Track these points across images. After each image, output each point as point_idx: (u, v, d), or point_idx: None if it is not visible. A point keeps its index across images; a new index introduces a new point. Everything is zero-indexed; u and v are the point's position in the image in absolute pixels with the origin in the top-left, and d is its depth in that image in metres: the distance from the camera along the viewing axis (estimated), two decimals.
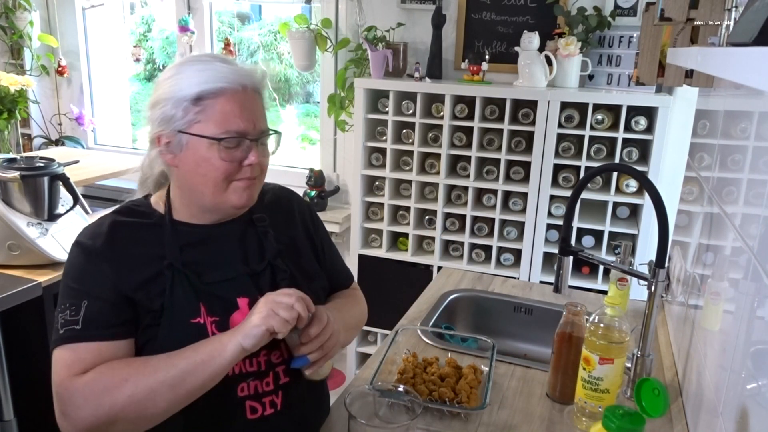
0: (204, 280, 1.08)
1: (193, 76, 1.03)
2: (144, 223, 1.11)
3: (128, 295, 1.03)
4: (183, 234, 1.11)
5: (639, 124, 2.26)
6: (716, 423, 0.95)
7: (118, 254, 1.06)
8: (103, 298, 1.02)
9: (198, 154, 1.05)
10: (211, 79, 1.03)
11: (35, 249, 1.77)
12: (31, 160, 1.88)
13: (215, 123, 1.03)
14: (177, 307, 1.05)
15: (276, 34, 4.18)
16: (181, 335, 1.03)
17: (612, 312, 1.16)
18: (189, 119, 1.03)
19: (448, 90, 2.43)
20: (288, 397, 1.12)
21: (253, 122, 1.06)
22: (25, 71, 3.33)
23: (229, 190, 1.07)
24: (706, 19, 1.11)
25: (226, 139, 1.03)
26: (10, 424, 1.85)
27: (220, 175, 1.05)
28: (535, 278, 2.48)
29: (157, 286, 1.05)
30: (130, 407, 0.96)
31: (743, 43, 0.63)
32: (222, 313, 1.07)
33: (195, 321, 1.05)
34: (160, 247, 1.08)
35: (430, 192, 2.62)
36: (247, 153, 1.06)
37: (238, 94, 1.04)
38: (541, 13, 2.52)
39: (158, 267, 1.06)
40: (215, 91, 1.03)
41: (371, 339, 2.90)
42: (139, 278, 1.04)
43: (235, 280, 1.11)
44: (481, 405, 1.20)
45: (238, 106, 1.04)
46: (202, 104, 1.03)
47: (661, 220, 1.21)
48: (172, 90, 1.04)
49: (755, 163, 0.93)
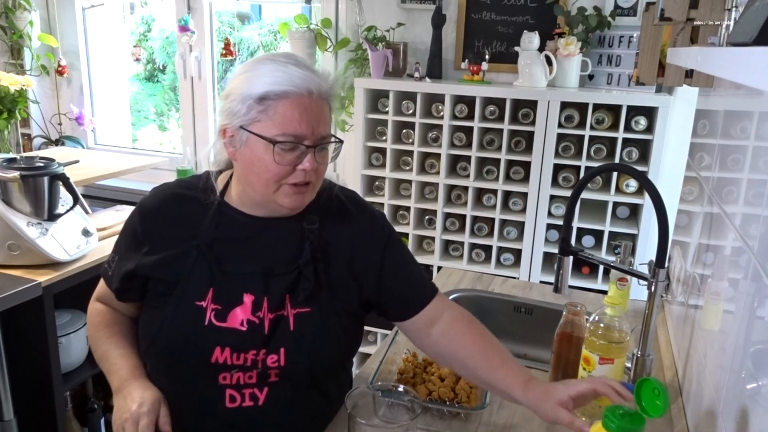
0: (222, 269, 1.12)
1: (264, 75, 1.05)
2: (199, 199, 1.17)
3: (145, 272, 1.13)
4: (225, 216, 1.15)
5: (639, 124, 2.26)
6: (716, 423, 0.95)
7: (161, 228, 1.15)
8: (125, 265, 1.16)
9: (254, 152, 1.06)
10: (279, 81, 1.04)
11: (35, 249, 1.77)
12: (31, 160, 1.88)
13: (274, 124, 1.04)
14: (189, 286, 1.11)
15: (276, 34, 4.18)
16: (182, 314, 1.10)
17: (612, 312, 1.16)
18: (251, 117, 1.05)
19: (448, 90, 2.43)
20: (274, 396, 1.11)
21: (313, 128, 1.05)
22: (25, 71, 3.32)
23: (279, 191, 1.08)
24: (706, 19, 1.11)
25: (281, 143, 1.04)
26: (10, 424, 1.85)
27: (271, 176, 1.07)
28: (535, 278, 2.47)
29: (180, 262, 1.12)
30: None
31: (743, 43, 0.63)
32: (226, 303, 1.10)
33: (198, 303, 1.10)
34: (198, 226, 1.14)
35: (430, 192, 2.62)
36: (302, 158, 1.06)
37: (303, 98, 1.05)
38: (541, 13, 2.52)
39: (188, 245, 1.12)
40: (279, 93, 1.03)
41: (371, 339, 2.90)
42: (168, 254, 1.13)
43: (248, 276, 1.12)
44: (481, 405, 1.20)
45: (299, 111, 1.04)
46: (265, 104, 1.04)
47: (661, 220, 1.21)
48: (241, 86, 1.06)
49: (755, 163, 0.93)
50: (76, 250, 1.87)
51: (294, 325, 1.11)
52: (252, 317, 1.10)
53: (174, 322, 1.10)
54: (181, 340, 1.09)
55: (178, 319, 1.10)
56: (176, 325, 1.10)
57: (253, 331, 1.09)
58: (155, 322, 1.12)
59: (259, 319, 1.09)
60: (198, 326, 1.09)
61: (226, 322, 1.09)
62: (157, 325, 1.11)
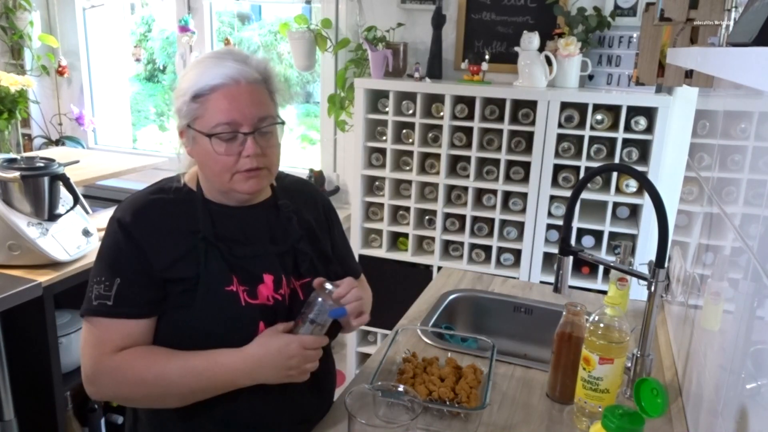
0: (235, 254, 1.14)
1: (198, 74, 1.09)
2: (177, 199, 1.17)
3: (159, 274, 1.11)
4: (213, 211, 1.17)
5: (639, 124, 2.26)
6: (716, 423, 0.95)
7: (154, 230, 1.13)
8: (134, 278, 1.10)
9: (202, 147, 1.11)
10: (208, 77, 1.08)
11: (35, 249, 1.77)
12: (32, 160, 1.88)
13: (209, 118, 1.08)
14: (211, 276, 1.11)
15: (276, 34, 4.18)
16: (216, 301, 1.11)
17: (612, 312, 1.16)
18: (192, 115, 1.10)
19: (448, 90, 2.43)
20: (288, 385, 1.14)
21: (245, 114, 1.09)
22: (25, 71, 3.32)
23: (233, 180, 1.12)
24: (706, 19, 1.11)
25: (216, 135, 1.08)
26: (10, 424, 1.85)
27: (220, 167, 1.11)
28: (535, 278, 2.47)
29: (191, 258, 1.12)
30: (144, 400, 1.14)
31: (743, 43, 0.63)
32: (251, 284, 1.14)
33: (228, 289, 1.12)
34: (194, 221, 1.14)
35: (430, 192, 2.62)
36: (244, 145, 1.10)
37: (231, 88, 1.08)
38: (541, 13, 2.52)
39: (192, 240, 1.13)
40: (209, 88, 1.08)
41: (371, 339, 2.90)
42: (174, 254, 1.12)
43: (262, 257, 1.17)
44: (481, 405, 1.20)
45: (228, 100, 1.08)
46: (199, 101, 1.09)
47: (661, 220, 1.21)
48: (182, 86, 1.11)
49: (755, 163, 0.93)
50: (77, 251, 1.87)
51: (303, 295, 1.20)
52: (276, 294, 1.16)
53: (211, 310, 1.10)
54: (225, 324, 1.11)
55: (214, 308, 1.11)
56: (215, 312, 1.10)
57: (278, 305, 1.16)
58: (185, 321, 1.11)
59: (281, 296, 1.17)
60: (237, 308, 1.12)
61: (258, 299, 1.14)
62: (191, 321, 1.10)
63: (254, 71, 1.11)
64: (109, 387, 1.10)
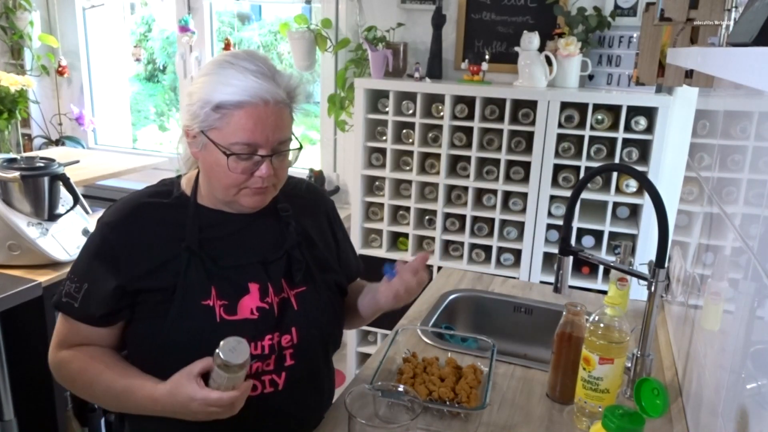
0: (219, 264, 1.12)
1: (221, 82, 1.04)
2: (169, 203, 1.15)
3: (133, 285, 1.09)
4: (204, 217, 1.15)
5: (639, 124, 2.26)
6: (716, 423, 0.95)
7: (136, 237, 1.11)
8: (99, 288, 1.10)
9: (213, 156, 1.07)
10: (236, 91, 1.03)
11: (35, 249, 1.77)
12: (32, 160, 1.88)
13: (229, 133, 1.05)
14: (189, 289, 1.09)
15: (276, 34, 4.18)
16: (190, 316, 1.08)
17: (612, 312, 1.16)
18: (209, 123, 1.06)
19: (448, 90, 2.43)
20: (291, 378, 1.15)
21: (268, 137, 1.06)
22: (25, 71, 3.33)
23: (239, 194, 1.11)
24: (706, 19, 1.11)
25: (234, 154, 1.05)
26: (10, 424, 1.85)
27: (230, 182, 1.09)
28: (535, 278, 2.47)
29: (172, 267, 1.10)
30: (84, 397, 1.16)
31: (743, 43, 0.63)
32: (232, 296, 1.11)
33: (205, 303, 1.09)
34: (181, 228, 1.12)
35: (430, 192, 2.62)
36: (258, 166, 1.08)
37: (259, 108, 1.04)
38: (541, 13, 2.52)
39: (176, 249, 1.10)
40: (234, 103, 1.03)
41: (371, 339, 2.90)
42: (153, 263, 1.10)
43: (247, 266, 1.14)
44: (481, 405, 1.20)
45: (254, 121, 1.04)
46: (221, 112, 1.04)
47: (661, 220, 1.21)
48: (202, 89, 1.06)
49: (755, 163, 0.93)
50: (77, 250, 1.85)
51: (297, 304, 1.17)
52: (261, 303, 1.13)
53: (183, 324, 1.08)
54: (196, 341, 1.07)
55: (187, 322, 1.08)
56: (187, 328, 1.08)
57: (265, 317, 1.13)
58: (158, 332, 1.09)
59: (268, 304, 1.14)
60: (211, 324, 1.08)
61: (237, 315, 1.11)
62: (164, 332, 1.08)
63: (282, 91, 1.07)
64: (57, 377, 1.17)
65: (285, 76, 1.10)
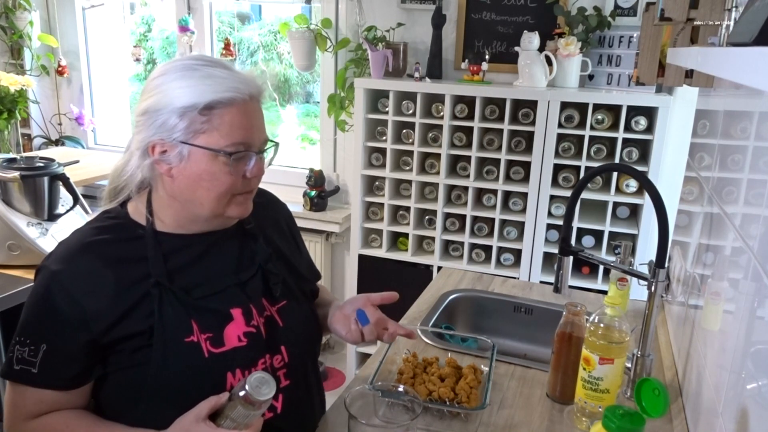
0: (193, 296, 1.03)
1: (197, 85, 0.97)
2: (123, 238, 1.04)
3: (99, 339, 0.98)
4: (165, 245, 1.05)
5: (639, 124, 2.26)
6: (716, 423, 0.95)
7: (94, 283, 0.99)
8: (63, 346, 0.98)
9: (201, 166, 0.99)
10: (221, 89, 0.97)
11: (35, 249, 1.77)
12: (31, 160, 1.89)
13: (222, 134, 0.98)
14: (168, 327, 1.00)
15: (276, 34, 4.18)
16: (176, 355, 1.00)
17: (612, 312, 1.16)
18: (194, 129, 0.98)
19: (448, 90, 2.43)
20: (288, 399, 1.12)
21: (258, 133, 1.03)
22: (25, 71, 3.33)
23: (230, 203, 1.04)
24: (706, 19, 1.11)
25: (231, 152, 0.99)
26: None
27: (225, 189, 1.01)
28: (535, 278, 2.47)
29: (143, 308, 1.00)
30: None
31: (743, 43, 0.63)
32: (215, 327, 1.04)
33: (189, 340, 1.01)
34: (144, 264, 1.01)
35: (430, 192, 2.62)
36: (248, 165, 1.03)
37: (247, 104, 1.00)
38: (541, 13, 2.52)
39: (143, 288, 1.00)
40: (225, 101, 0.97)
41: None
42: (120, 308, 0.99)
43: (224, 291, 1.07)
44: (481, 405, 1.20)
45: (246, 118, 1.00)
46: (210, 114, 0.97)
47: (661, 220, 1.21)
48: (172, 97, 0.97)
49: (755, 163, 0.93)
50: None
51: (282, 320, 1.13)
52: (248, 328, 1.06)
53: (170, 367, 0.99)
54: (185, 382, 1.00)
55: (173, 364, 0.99)
56: (174, 370, 0.99)
57: (253, 341, 1.06)
58: (140, 381, 0.99)
59: (255, 327, 1.07)
60: (199, 361, 1.01)
61: (225, 345, 1.03)
62: (148, 380, 0.99)
63: (256, 88, 1.03)
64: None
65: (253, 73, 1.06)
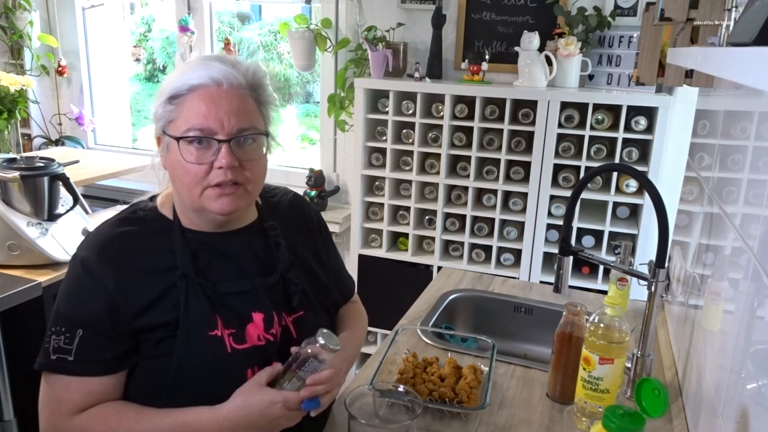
0: (219, 291, 1.04)
1: (179, 74, 1.00)
2: (151, 231, 1.05)
3: (130, 324, 0.99)
4: (192, 241, 1.05)
5: (639, 124, 2.26)
6: (716, 423, 0.95)
7: (123, 271, 1.00)
8: (99, 329, 0.98)
9: (174, 155, 1.00)
10: (187, 78, 0.98)
11: (35, 249, 1.77)
12: (31, 160, 1.88)
13: (183, 121, 0.98)
14: (193, 319, 1.00)
15: (276, 34, 4.18)
16: (199, 348, 1.00)
17: (612, 312, 1.16)
18: (167, 118, 1.00)
19: (448, 90, 2.43)
20: None
21: (222, 121, 0.98)
22: (25, 71, 3.33)
23: (204, 195, 1.01)
24: (706, 19, 1.11)
25: (185, 138, 0.97)
26: (10, 424, 1.85)
27: (190, 178, 0.99)
28: (535, 278, 2.47)
29: (170, 299, 1.00)
30: None
31: (743, 43, 0.63)
32: (239, 325, 1.04)
33: (212, 333, 1.01)
34: (171, 256, 1.02)
35: (430, 192, 2.62)
36: (217, 154, 0.98)
37: (211, 90, 0.98)
38: (541, 13, 2.52)
39: (170, 279, 1.01)
40: (187, 88, 0.98)
41: (371, 339, 2.90)
42: (148, 297, 1.00)
43: (250, 293, 1.07)
44: (481, 405, 1.20)
45: (206, 103, 0.97)
46: (175, 102, 0.99)
47: (661, 220, 1.21)
48: (160, 90, 1.02)
49: (755, 163, 0.93)
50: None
51: (296, 332, 1.11)
52: (266, 334, 1.06)
53: (194, 359, 0.99)
54: (210, 373, 1.00)
55: (197, 356, 1.00)
56: (198, 362, 1.00)
57: (269, 345, 1.07)
58: (164, 370, 1.00)
59: (273, 336, 1.07)
60: (222, 355, 1.01)
61: (247, 343, 1.04)
62: (172, 371, 0.99)
63: (241, 76, 1.01)
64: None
65: (247, 64, 1.04)
